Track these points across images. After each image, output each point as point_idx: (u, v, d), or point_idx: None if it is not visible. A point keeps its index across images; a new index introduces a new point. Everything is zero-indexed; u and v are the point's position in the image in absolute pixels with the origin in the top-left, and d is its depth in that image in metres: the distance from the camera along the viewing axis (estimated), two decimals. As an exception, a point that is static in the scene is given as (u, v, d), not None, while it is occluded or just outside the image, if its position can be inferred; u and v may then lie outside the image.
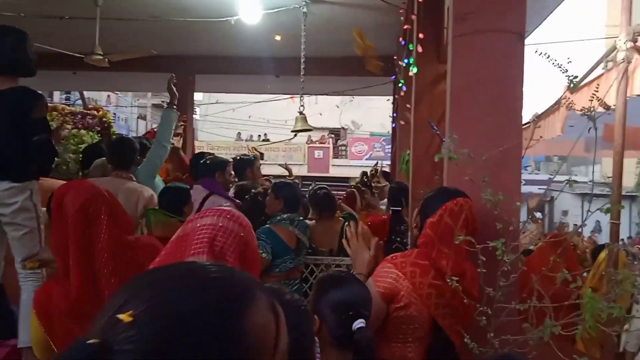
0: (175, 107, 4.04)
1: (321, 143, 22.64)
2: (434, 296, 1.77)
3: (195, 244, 1.38)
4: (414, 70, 3.58)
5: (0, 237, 2.75)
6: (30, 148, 2.67)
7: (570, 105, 1.63)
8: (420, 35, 3.56)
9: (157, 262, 1.36)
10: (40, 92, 2.82)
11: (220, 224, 1.42)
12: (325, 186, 4.43)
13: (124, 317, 0.56)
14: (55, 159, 3.12)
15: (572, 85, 1.49)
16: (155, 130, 5.32)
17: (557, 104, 4.52)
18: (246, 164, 4.58)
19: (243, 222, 1.49)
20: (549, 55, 1.44)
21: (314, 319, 1.52)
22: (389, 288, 1.79)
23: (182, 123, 5.10)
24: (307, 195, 4.48)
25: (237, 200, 3.85)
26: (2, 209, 2.61)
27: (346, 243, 2.08)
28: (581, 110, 1.36)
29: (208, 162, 4.04)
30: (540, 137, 4.62)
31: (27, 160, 2.68)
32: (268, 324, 0.63)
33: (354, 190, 5.23)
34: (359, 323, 1.47)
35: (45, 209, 3.02)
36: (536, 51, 1.44)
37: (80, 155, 4.53)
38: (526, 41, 2.11)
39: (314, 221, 4.05)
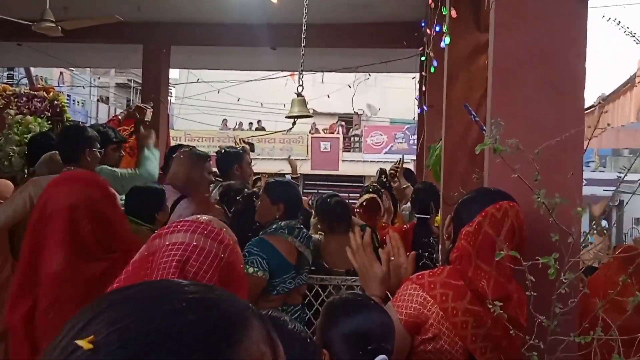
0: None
1: (329, 132, 22.69)
2: (470, 325, 1.77)
3: (161, 269, 1.38)
4: (446, 40, 3.56)
5: None
6: None
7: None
8: (455, -4, 3.56)
9: (116, 287, 1.37)
10: None
11: (195, 243, 1.42)
12: (336, 193, 4.46)
13: (83, 343, 0.56)
14: None
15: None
16: (119, 118, 5.37)
17: (630, 83, 4.50)
18: (233, 160, 4.59)
19: (224, 240, 1.48)
20: (619, 22, 1.43)
21: (323, 353, 1.52)
22: (414, 315, 1.80)
23: (149, 107, 5.12)
24: (313, 204, 4.50)
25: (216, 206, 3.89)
26: None
27: (351, 255, 2.08)
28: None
29: (181, 157, 4.08)
30: (608, 124, 4.59)
31: None
32: (263, 359, 0.63)
33: (374, 195, 5.12)
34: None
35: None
36: (603, 16, 1.42)
37: (26, 148, 4.55)
38: (590, 3, 2.10)
39: (321, 235, 4.07)
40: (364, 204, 5.00)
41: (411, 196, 4.40)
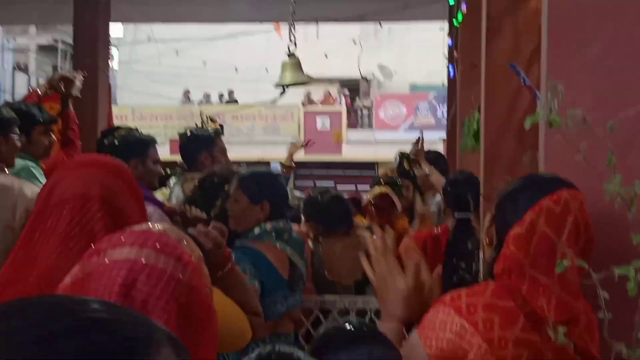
0: None
1: (326, 104, 22.66)
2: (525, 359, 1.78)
3: (100, 295, 1.40)
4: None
5: None
6: None
7: None
8: None
9: None
10: None
11: (144, 261, 1.44)
12: (328, 188, 4.52)
13: None
14: None
15: None
16: (38, 92, 5.34)
17: None
18: (201, 145, 4.61)
19: (183, 256, 1.50)
20: None
21: None
22: (448, 349, 1.81)
23: (80, 75, 5.12)
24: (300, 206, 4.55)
25: (164, 203, 3.98)
26: None
27: (367, 264, 2.07)
28: None
29: (116, 142, 4.09)
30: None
31: None
32: None
33: (386, 189, 5.18)
34: None
35: None
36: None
37: None
38: None
39: (318, 239, 4.12)
40: (373, 201, 5.03)
41: (445, 189, 4.42)
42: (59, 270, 1.92)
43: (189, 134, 4.80)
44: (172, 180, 4.68)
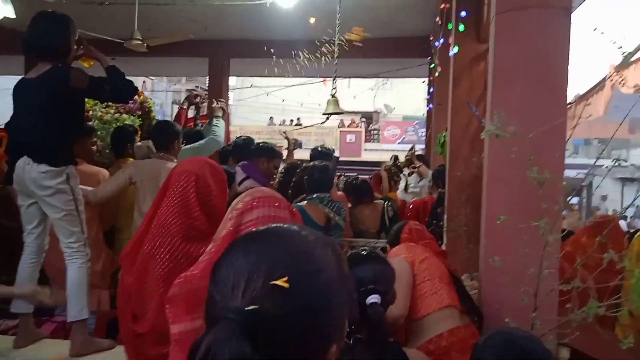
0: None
1: (352, 126, 22.53)
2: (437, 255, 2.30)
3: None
4: (455, 49, 3.51)
5: (43, 220, 2.80)
6: (111, 91, 2.91)
7: (623, 82, 1.57)
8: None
9: (208, 260, 1.37)
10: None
11: (274, 214, 1.46)
12: (358, 176, 4.58)
13: (281, 283, 0.63)
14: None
15: (626, 60, 1.43)
16: (184, 107, 5.45)
17: (601, 84, 4.36)
18: (325, 157, 4.61)
19: (289, 207, 1.52)
20: (603, 32, 1.39)
21: None
22: (407, 253, 2.21)
23: (201, 93, 5.22)
24: (340, 185, 4.56)
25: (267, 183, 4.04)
26: (40, 191, 2.65)
27: None
28: (635, 86, 1.31)
29: (260, 144, 4.18)
30: (590, 115, 4.42)
31: (64, 145, 2.69)
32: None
33: (380, 172, 5.31)
34: (372, 298, 1.51)
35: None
36: (595, 29, 1.38)
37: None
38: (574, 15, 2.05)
39: (354, 205, 4.15)
40: (372, 177, 5.36)
41: (433, 175, 4.53)
42: (168, 216, 1.89)
43: (320, 149, 4.85)
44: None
